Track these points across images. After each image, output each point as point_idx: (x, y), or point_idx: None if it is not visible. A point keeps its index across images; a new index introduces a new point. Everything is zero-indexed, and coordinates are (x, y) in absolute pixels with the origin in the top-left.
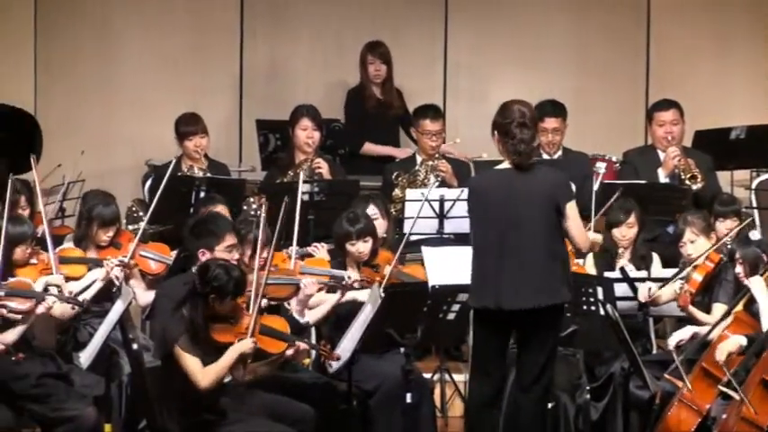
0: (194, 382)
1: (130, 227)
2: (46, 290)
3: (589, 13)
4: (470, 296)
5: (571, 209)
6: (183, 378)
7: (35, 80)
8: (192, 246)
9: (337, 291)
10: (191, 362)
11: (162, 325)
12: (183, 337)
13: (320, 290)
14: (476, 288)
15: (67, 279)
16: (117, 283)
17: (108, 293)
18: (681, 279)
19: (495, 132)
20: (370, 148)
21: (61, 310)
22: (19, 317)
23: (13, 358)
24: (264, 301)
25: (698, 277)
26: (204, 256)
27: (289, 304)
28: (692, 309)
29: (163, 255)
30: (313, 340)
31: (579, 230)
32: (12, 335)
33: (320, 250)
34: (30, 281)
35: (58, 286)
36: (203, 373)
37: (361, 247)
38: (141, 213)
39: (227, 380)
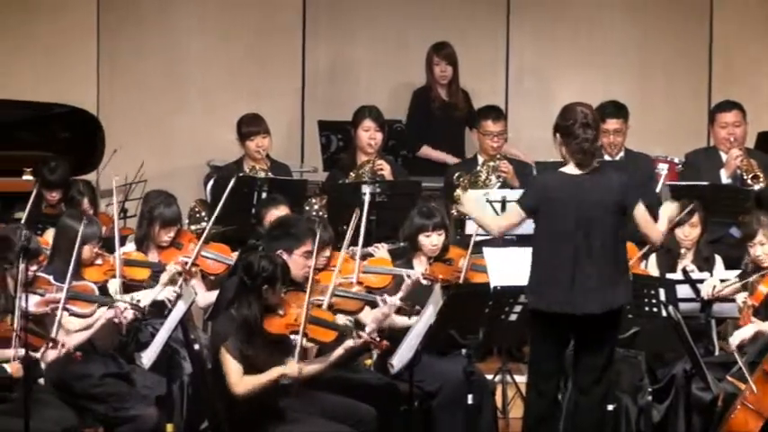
0: (230, 385)
1: (192, 227)
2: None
3: (651, 13)
4: (532, 297)
5: (639, 208)
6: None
7: (98, 82)
8: (270, 247)
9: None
10: (232, 366)
11: (215, 321)
12: (231, 339)
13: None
14: (540, 291)
15: (130, 281)
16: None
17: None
18: (744, 280)
19: (558, 135)
20: (426, 151)
21: (125, 315)
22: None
23: (73, 356)
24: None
25: (764, 290)
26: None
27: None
28: (755, 323)
29: (224, 255)
30: None
31: (651, 225)
32: (77, 338)
33: (381, 250)
34: (93, 285)
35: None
36: (241, 381)
37: (435, 240)
38: (203, 214)
39: (286, 381)
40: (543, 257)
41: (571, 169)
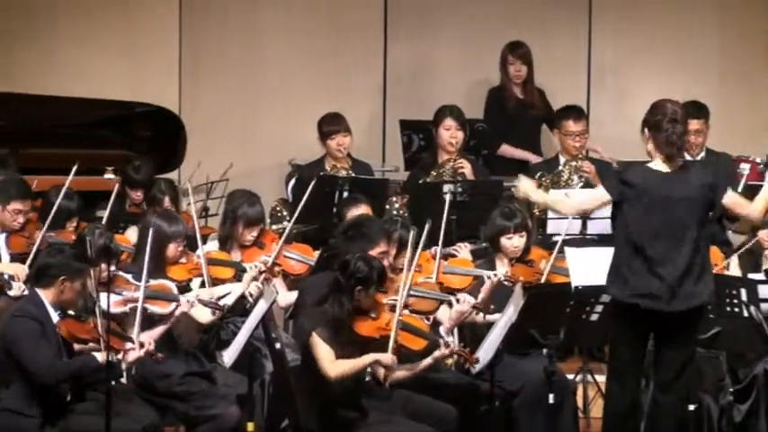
0: (323, 370)
1: (274, 227)
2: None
3: (732, 14)
4: (614, 290)
5: (729, 194)
6: (323, 374)
7: (179, 81)
8: (344, 247)
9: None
10: (323, 350)
11: (303, 316)
12: (322, 328)
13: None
14: (623, 288)
15: (214, 280)
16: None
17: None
18: None
19: (646, 129)
20: (506, 149)
21: (202, 314)
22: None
23: (153, 358)
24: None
25: None
26: None
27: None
28: None
29: (305, 255)
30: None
31: (746, 204)
32: (154, 334)
33: (463, 250)
34: (172, 284)
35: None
36: (334, 364)
37: (517, 242)
38: (285, 213)
39: (367, 378)
40: (626, 254)
41: (658, 165)
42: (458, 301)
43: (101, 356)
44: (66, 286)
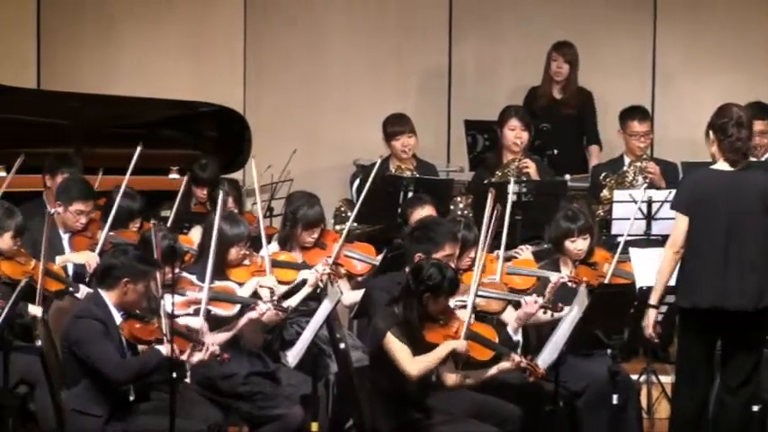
0: (403, 369)
1: (338, 227)
2: (255, 293)
3: None
4: (682, 296)
5: None
6: (390, 374)
7: (244, 81)
8: (410, 248)
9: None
10: (401, 350)
11: (375, 315)
12: (396, 328)
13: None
14: (691, 288)
15: (278, 283)
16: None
17: (314, 293)
18: None
19: (711, 132)
20: None
21: (267, 316)
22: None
23: (219, 359)
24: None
25: None
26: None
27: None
28: None
29: (368, 255)
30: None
31: None
32: (220, 338)
33: (525, 252)
34: (236, 286)
35: (270, 289)
36: (413, 362)
37: (581, 245)
38: (349, 213)
39: (433, 378)
40: (693, 254)
41: (722, 166)
42: (526, 302)
43: (165, 349)
44: (129, 288)
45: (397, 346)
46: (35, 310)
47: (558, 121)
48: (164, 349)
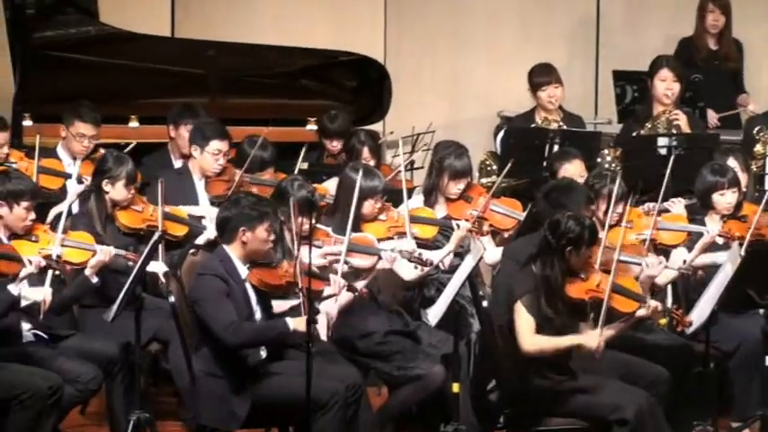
0: (519, 340)
1: (483, 180)
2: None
3: None
4: None
5: None
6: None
7: (384, 29)
8: (544, 210)
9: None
10: (525, 321)
11: (507, 282)
12: (528, 296)
13: None
14: None
15: (416, 239)
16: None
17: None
18: None
19: None
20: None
21: (406, 270)
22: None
23: (357, 293)
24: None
25: None
26: None
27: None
28: None
29: (514, 210)
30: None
31: None
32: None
33: (677, 205)
34: (373, 237)
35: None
36: (532, 338)
37: (730, 198)
38: (494, 167)
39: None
40: None
41: None
42: (647, 264)
43: (293, 323)
44: (247, 237)
45: (522, 317)
46: (158, 266)
47: (719, 76)
48: (292, 323)
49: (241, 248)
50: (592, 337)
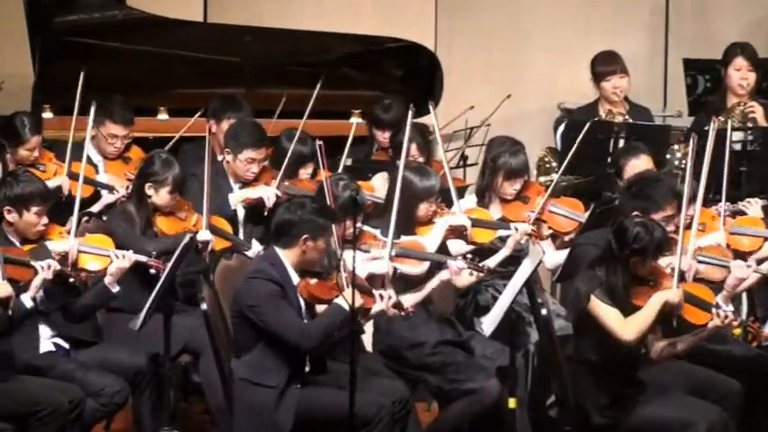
0: (615, 335)
1: (541, 178)
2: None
3: None
4: None
5: None
6: (597, 344)
7: (435, 14)
8: (626, 205)
9: None
10: (609, 313)
11: (577, 278)
12: (600, 290)
13: None
14: None
15: (472, 244)
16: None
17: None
18: None
19: None
20: None
21: (462, 279)
22: None
23: (403, 313)
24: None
25: None
26: None
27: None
28: None
29: (575, 211)
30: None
31: None
32: (409, 301)
33: (753, 206)
34: (424, 242)
35: (463, 228)
36: (625, 324)
37: None
38: (553, 164)
39: (643, 350)
40: None
41: None
42: (733, 267)
43: (345, 304)
44: (308, 246)
45: (604, 310)
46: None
47: None
48: (344, 304)
49: (297, 256)
50: (672, 292)
